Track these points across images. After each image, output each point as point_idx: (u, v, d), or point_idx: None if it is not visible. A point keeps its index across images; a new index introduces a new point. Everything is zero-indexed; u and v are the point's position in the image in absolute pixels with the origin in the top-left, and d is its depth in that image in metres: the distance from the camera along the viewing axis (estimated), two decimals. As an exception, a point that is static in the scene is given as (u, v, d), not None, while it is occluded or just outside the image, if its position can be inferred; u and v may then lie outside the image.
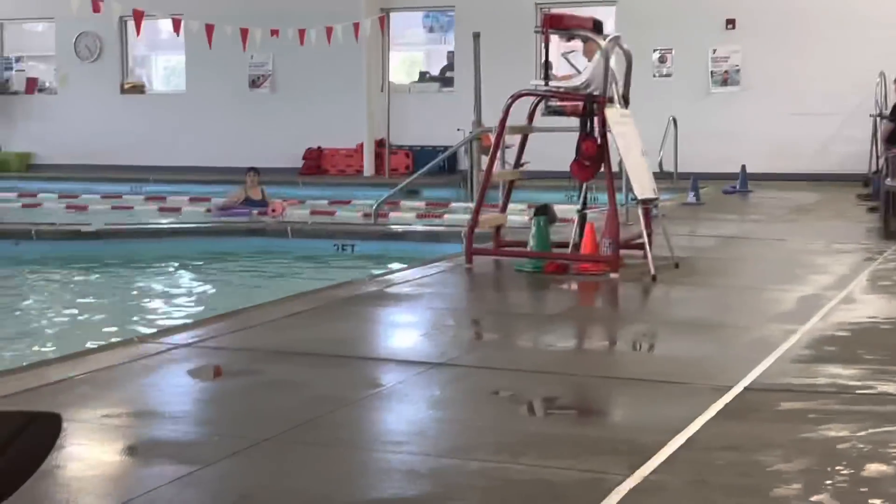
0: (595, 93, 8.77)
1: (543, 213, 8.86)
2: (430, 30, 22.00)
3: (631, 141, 8.72)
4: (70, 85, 22.19)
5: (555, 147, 11.38)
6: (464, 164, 17.64)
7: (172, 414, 5.03)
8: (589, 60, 9.05)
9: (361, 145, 20.27)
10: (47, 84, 23.01)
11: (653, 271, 8.35)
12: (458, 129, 17.27)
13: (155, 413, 5.03)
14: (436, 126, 19.59)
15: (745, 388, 5.24)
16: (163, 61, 24.29)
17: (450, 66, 20.77)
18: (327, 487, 4.00)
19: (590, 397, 5.47)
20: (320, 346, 6.28)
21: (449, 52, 20.91)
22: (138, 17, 15.39)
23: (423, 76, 21.51)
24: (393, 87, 20.17)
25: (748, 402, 5.02)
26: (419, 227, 12.91)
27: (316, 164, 20.47)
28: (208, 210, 15.81)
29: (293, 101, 20.69)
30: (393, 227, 12.96)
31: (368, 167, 20.14)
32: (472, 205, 13.14)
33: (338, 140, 20.49)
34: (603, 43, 8.72)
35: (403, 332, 7.12)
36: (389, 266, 10.42)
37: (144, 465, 4.29)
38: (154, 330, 7.97)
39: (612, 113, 8.63)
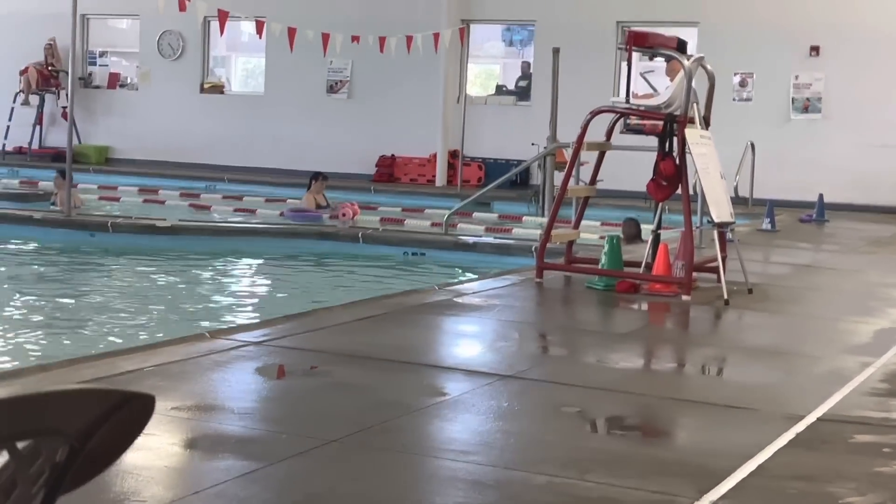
0: (676, 112, 8.70)
1: (631, 224, 8.83)
2: (510, 43, 22.00)
3: (710, 162, 8.63)
4: (151, 82, 22.50)
5: (629, 166, 11.35)
6: (536, 178, 17.60)
7: (241, 410, 5.06)
8: (671, 80, 8.98)
9: (435, 155, 20.31)
10: (129, 80, 23.34)
11: (726, 296, 8.25)
12: (533, 144, 17.23)
13: (223, 408, 5.07)
14: (510, 139, 19.57)
15: (818, 419, 5.15)
16: (242, 62, 24.55)
17: (523, 77, 20.74)
18: (393, 492, 3.99)
19: (658, 418, 5.41)
20: (389, 351, 6.29)
21: (524, 63, 20.87)
22: (223, 17, 15.56)
23: (500, 89, 21.52)
24: (469, 98, 20.20)
25: (821, 433, 4.93)
26: (490, 239, 12.89)
27: (389, 172, 20.54)
28: (281, 213, 15.92)
29: (369, 108, 20.79)
30: (464, 237, 12.95)
31: (441, 177, 20.16)
32: (543, 220, 13.13)
33: (412, 149, 20.55)
34: (687, 63, 8.65)
35: (471, 342, 7.10)
36: (459, 276, 10.41)
37: (211, 459, 4.31)
38: (224, 326, 8.04)
39: (693, 133, 8.55)
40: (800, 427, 4.97)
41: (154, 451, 4.31)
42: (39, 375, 5.26)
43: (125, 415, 1.39)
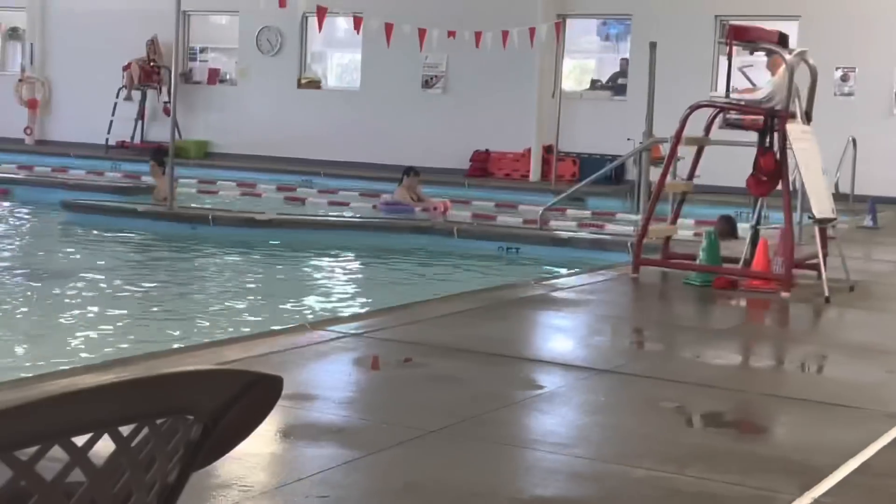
0: (777, 107, 8.60)
1: (726, 221, 8.75)
2: (606, 38, 21.88)
3: (811, 158, 8.52)
4: (249, 77, 22.84)
5: (727, 162, 11.22)
6: (631, 174, 17.48)
7: (341, 400, 5.15)
8: (772, 74, 8.88)
9: (529, 150, 20.30)
10: (228, 75, 23.72)
11: (826, 293, 8.14)
12: (629, 139, 17.14)
13: (325, 398, 5.15)
14: (605, 135, 19.48)
15: (923, 418, 5.07)
16: (338, 58, 24.79)
17: (621, 74, 20.63)
18: (493, 482, 4.03)
19: (758, 415, 5.38)
20: (485, 344, 6.33)
21: (622, 60, 20.77)
22: (321, 13, 15.74)
23: (594, 84, 21.43)
24: (564, 93, 20.14)
25: (926, 433, 4.85)
26: (585, 235, 12.86)
27: (482, 167, 20.59)
28: (375, 206, 16.07)
29: (464, 102, 20.85)
30: (559, 232, 12.94)
31: (535, 172, 20.15)
32: (638, 217, 13.06)
33: (506, 144, 20.57)
34: (788, 57, 8.54)
35: (567, 336, 7.11)
36: (555, 271, 10.41)
37: (314, 447, 4.40)
38: (320, 318, 8.16)
39: (794, 128, 8.45)
40: (904, 426, 4.90)
41: (259, 438, 4.37)
42: (148, 363, 5.41)
43: (255, 395, 1.45)
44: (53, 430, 1.25)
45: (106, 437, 1.35)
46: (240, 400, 1.44)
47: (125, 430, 1.36)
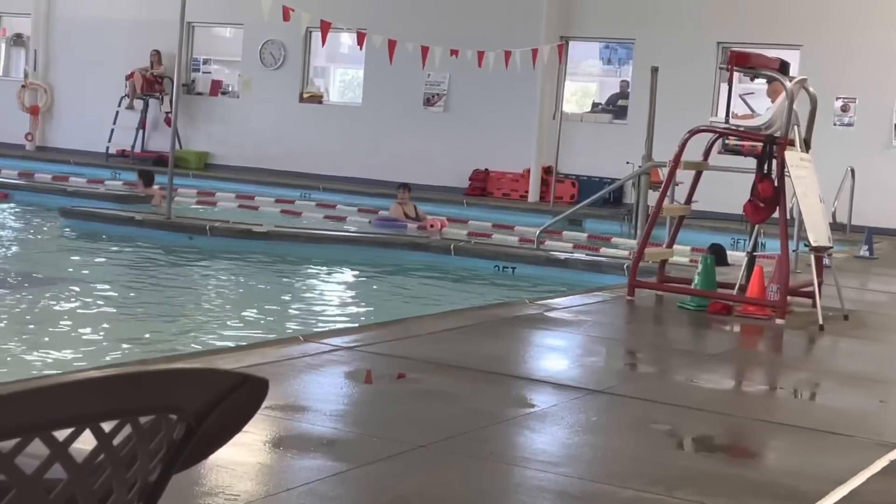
0: (776, 134, 8.61)
1: (716, 251, 8.74)
2: (608, 61, 21.92)
3: (809, 186, 8.53)
4: (251, 90, 22.85)
5: (725, 187, 11.25)
6: (630, 197, 17.49)
7: (331, 412, 5.14)
8: (772, 101, 8.90)
9: (528, 171, 20.32)
10: (230, 87, 23.73)
11: (821, 321, 8.14)
12: (628, 163, 17.15)
13: (315, 409, 5.15)
14: (604, 157, 19.50)
15: (914, 448, 5.06)
16: (340, 73, 24.82)
17: (621, 96, 20.67)
18: (480, 499, 4.02)
19: (749, 439, 5.36)
20: (478, 362, 6.32)
21: (622, 83, 20.81)
22: (325, 28, 15.77)
23: (595, 107, 21.46)
24: (565, 115, 20.17)
25: (916, 462, 4.84)
26: (581, 256, 12.85)
27: (482, 186, 20.60)
28: (370, 222, 16.08)
29: (465, 121, 20.87)
30: (555, 253, 12.93)
31: (534, 193, 20.16)
32: (634, 241, 13.05)
33: (505, 164, 20.58)
34: (789, 84, 8.56)
35: (561, 356, 7.10)
36: (550, 291, 10.40)
37: (302, 458, 4.38)
38: (316, 330, 8.15)
39: (792, 155, 8.46)
40: (894, 454, 4.89)
41: (247, 447, 4.40)
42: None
43: (239, 397, 1.45)
44: (34, 423, 1.24)
45: (87, 433, 1.35)
46: (224, 401, 1.44)
47: (107, 426, 1.36)
